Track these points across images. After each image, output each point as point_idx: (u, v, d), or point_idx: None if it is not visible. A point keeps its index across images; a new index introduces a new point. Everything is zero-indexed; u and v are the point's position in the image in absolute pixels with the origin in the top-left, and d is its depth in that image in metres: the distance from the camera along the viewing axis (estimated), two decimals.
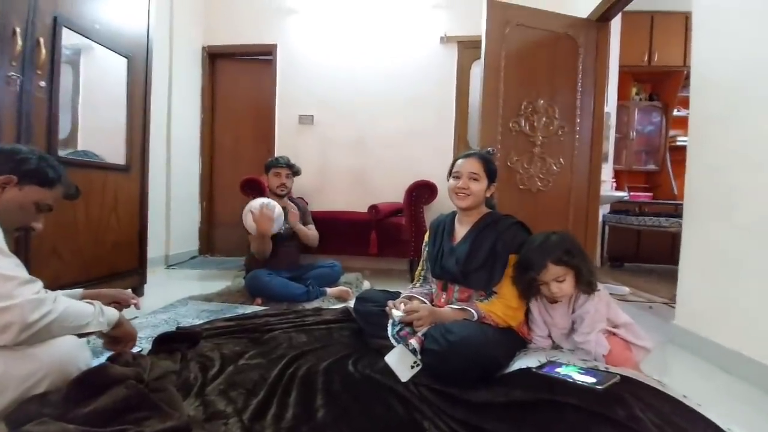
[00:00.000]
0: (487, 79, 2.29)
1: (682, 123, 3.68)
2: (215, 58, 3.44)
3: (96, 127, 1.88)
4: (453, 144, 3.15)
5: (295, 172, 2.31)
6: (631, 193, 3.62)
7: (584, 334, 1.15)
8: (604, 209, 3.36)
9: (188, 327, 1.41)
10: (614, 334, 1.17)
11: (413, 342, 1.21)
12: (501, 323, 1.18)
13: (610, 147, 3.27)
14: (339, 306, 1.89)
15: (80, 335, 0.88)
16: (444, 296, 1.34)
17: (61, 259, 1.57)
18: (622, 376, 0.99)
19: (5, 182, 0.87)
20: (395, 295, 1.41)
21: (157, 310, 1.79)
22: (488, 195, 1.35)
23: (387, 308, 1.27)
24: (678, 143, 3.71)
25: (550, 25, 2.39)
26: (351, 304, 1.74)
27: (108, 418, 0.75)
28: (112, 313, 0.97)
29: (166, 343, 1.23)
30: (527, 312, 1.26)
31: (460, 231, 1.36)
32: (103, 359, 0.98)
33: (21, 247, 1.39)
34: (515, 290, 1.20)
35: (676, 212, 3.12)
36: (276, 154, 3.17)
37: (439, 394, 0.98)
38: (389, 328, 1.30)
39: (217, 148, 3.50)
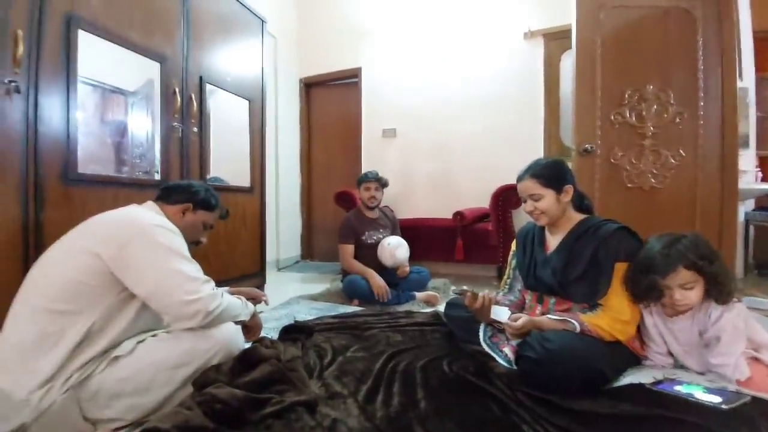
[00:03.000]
0: (580, 71, 2.13)
1: None
2: (310, 87, 3.91)
3: (223, 156, 2.31)
4: (543, 144, 2.99)
5: (383, 184, 2.49)
6: None
7: (721, 355, 1.00)
8: (746, 206, 2.78)
9: (303, 321, 1.67)
10: (757, 359, 1.00)
11: (506, 350, 1.22)
12: (607, 337, 1.10)
13: (750, 129, 2.67)
14: (429, 310, 1.98)
15: (235, 322, 1.15)
16: (539, 308, 1.30)
17: (209, 263, 2.00)
18: (753, 396, 0.87)
19: (185, 209, 1.19)
20: None
21: (277, 306, 2.14)
22: (565, 200, 1.26)
23: (505, 328, 1.23)
24: None
25: (656, 0, 2.13)
26: (440, 308, 1.81)
27: (260, 387, 0.98)
28: (251, 306, 1.24)
29: (289, 333, 1.49)
30: (640, 325, 1.15)
31: (552, 240, 1.31)
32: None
33: None
34: (626, 301, 1.11)
35: None
36: (363, 166, 3.46)
37: (536, 400, 0.98)
38: (480, 333, 1.34)
39: (314, 164, 3.96)
